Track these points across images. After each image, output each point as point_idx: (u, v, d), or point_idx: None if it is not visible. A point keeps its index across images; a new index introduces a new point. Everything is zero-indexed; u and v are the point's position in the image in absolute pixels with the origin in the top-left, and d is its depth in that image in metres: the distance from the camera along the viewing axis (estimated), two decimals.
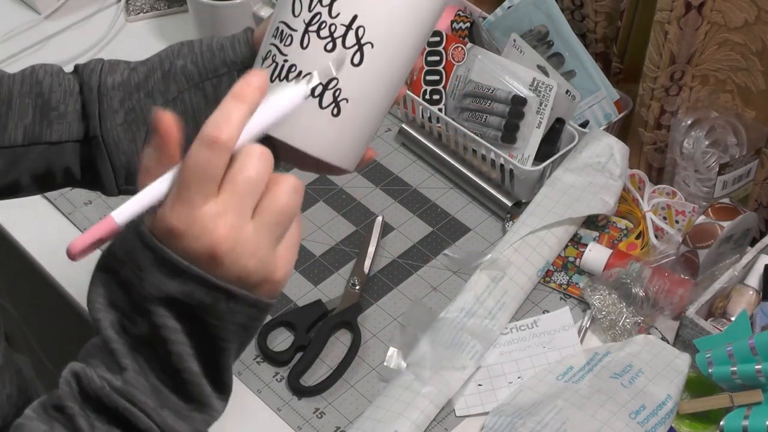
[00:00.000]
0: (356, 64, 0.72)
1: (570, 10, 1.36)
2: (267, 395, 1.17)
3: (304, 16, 0.72)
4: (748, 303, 1.18)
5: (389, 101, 0.76)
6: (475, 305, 1.20)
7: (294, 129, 0.72)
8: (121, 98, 0.83)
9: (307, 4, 0.72)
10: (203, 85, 0.83)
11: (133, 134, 0.83)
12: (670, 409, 1.10)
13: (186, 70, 0.83)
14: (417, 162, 1.42)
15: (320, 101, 0.72)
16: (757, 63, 1.17)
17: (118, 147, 0.84)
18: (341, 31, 0.71)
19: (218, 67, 0.83)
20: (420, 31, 0.75)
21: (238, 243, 0.61)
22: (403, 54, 0.74)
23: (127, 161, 0.85)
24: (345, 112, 0.73)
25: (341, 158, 0.75)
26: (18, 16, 1.62)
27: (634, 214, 1.31)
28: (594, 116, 1.37)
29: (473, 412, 1.15)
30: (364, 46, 0.71)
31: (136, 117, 0.83)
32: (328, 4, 0.71)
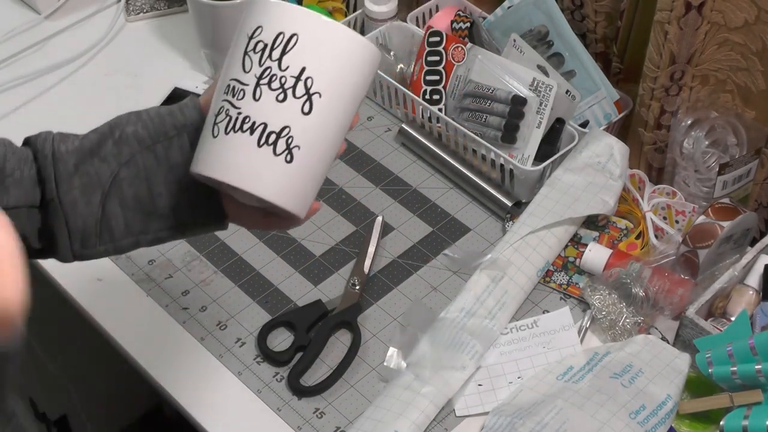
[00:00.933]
0: (306, 112, 0.77)
1: (570, 10, 1.36)
2: (267, 395, 1.17)
3: (255, 71, 0.78)
4: (748, 303, 1.18)
5: (336, 148, 0.82)
6: (475, 305, 1.20)
7: (249, 176, 0.78)
8: (76, 162, 0.86)
9: (257, 60, 0.78)
10: (154, 147, 0.86)
11: (88, 197, 0.86)
12: (670, 409, 1.10)
13: (137, 135, 0.87)
14: (417, 162, 1.42)
15: (274, 149, 0.77)
16: (757, 63, 1.17)
17: (75, 209, 0.86)
18: (291, 82, 0.77)
19: (168, 130, 0.87)
20: (362, 81, 0.80)
21: None
22: (347, 103, 0.79)
23: (83, 224, 0.87)
24: (297, 159, 0.78)
25: (294, 204, 0.80)
26: (18, 16, 1.62)
27: (634, 214, 1.31)
28: (594, 116, 1.37)
29: (473, 412, 1.15)
30: (312, 96, 0.77)
31: (91, 181, 0.86)
32: (278, 58, 0.77)
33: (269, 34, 0.78)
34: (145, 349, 1.21)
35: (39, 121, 1.48)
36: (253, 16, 0.80)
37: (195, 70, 1.54)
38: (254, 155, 0.77)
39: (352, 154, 1.42)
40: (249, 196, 0.81)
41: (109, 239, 0.88)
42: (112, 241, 0.88)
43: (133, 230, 0.88)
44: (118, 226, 0.88)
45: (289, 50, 0.77)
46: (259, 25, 0.79)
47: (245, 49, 0.79)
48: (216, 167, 0.79)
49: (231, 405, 1.17)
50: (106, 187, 0.86)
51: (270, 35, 0.78)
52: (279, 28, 0.78)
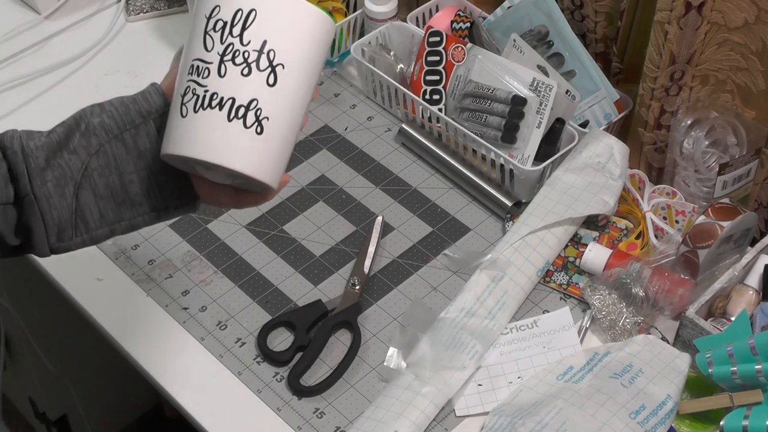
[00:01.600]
0: (271, 84, 0.80)
1: (570, 10, 1.36)
2: (267, 395, 1.17)
3: (217, 48, 0.80)
4: (748, 303, 1.18)
5: (300, 118, 0.84)
6: (475, 305, 1.20)
7: (223, 151, 0.80)
8: (46, 157, 0.87)
9: (218, 38, 0.80)
10: (122, 135, 0.88)
11: (61, 190, 0.87)
12: (670, 409, 1.10)
13: (104, 125, 0.88)
14: (417, 162, 1.42)
15: (244, 122, 0.79)
16: (757, 63, 1.17)
17: (50, 203, 0.87)
18: (254, 56, 0.79)
19: (134, 117, 0.88)
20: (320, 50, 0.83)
21: None
22: (309, 72, 0.82)
23: (58, 217, 0.87)
24: (267, 130, 0.80)
25: (269, 175, 0.82)
26: (18, 16, 1.62)
27: (634, 214, 1.31)
28: (594, 116, 1.37)
29: (473, 412, 1.15)
30: (276, 67, 0.80)
31: (63, 173, 0.87)
32: (239, 34, 0.79)
33: (228, 12, 0.80)
34: (145, 349, 1.21)
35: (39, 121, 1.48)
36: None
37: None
38: (226, 130, 0.79)
39: (352, 154, 1.42)
40: (222, 173, 0.83)
41: (84, 230, 0.89)
42: (88, 231, 0.89)
43: (107, 219, 0.90)
44: (93, 217, 0.89)
45: (249, 25, 0.79)
46: (217, 4, 0.81)
47: (205, 29, 0.81)
48: (189, 146, 0.81)
49: (231, 405, 1.17)
50: (77, 179, 0.87)
51: (228, 13, 0.80)
52: (237, 5, 0.80)
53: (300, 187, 1.38)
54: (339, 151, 1.43)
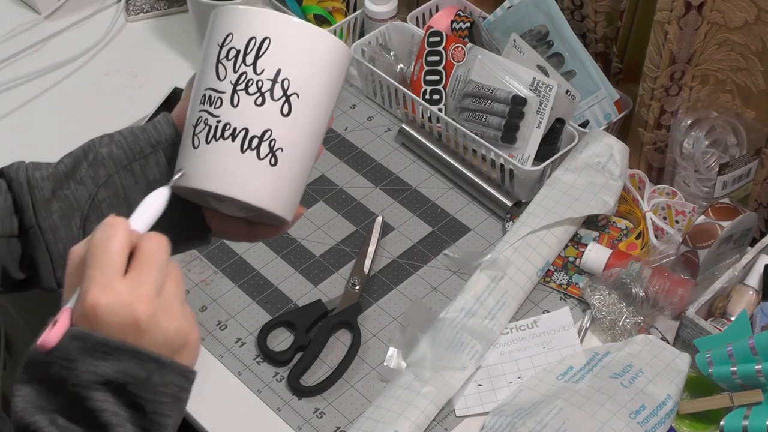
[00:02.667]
0: (286, 114, 0.77)
1: (570, 10, 1.36)
2: (267, 395, 1.17)
3: (230, 77, 0.78)
4: (748, 303, 1.18)
5: (316, 148, 0.82)
6: (475, 305, 1.20)
7: (237, 183, 0.77)
8: (53, 188, 0.85)
9: (231, 67, 0.78)
10: (131, 166, 0.85)
11: (68, 221, 0.85)
12: (670, 409, 1.10)
13: (113, 155, 0.85)
14: (417, 162, 1.42)
15: (258, 153, 0.77)
16: (757, 63, 1.17)
17: (56, 235, 0.85)
18: (268, 85, 0.77)
19: (144, 147, 0.86)
20: (336, 79, 0.81)
21: (156, 309, 0.65)
22: (324, 102, 0.80)
23: (65, 249, 0.84)
24: (281, 161, 0.78)
25: (283, 207, 0.80)
26: (18, 16, 1.62)
27: (634, 214, 1.31)
28: (594, 116, 1.37)
29: (473, 412, 1.15)
30: (290, 96, 0.77)
31: (70, 204, 0.85)
32: (252, 62, 0.77)
33: (241, 40, 0.78)
34: None
35: (39, 122, 1.49)
36: (221, 25, 0.80)
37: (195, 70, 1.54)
38: (239, 161, 0.77)
39: (352, 154, 1.42)
40: (235, 206, 0.80)
41: None
42: None
43: None
44: None
45: (262, 54, 0.77)
46: (230, 32, 0.79)
47: (217, 57, 0.79)
48: (201, 178, 0.78)
49: (231, 405, 1.17)
50: (85, 210, 0.85)
51: (242, 41, 0.78)
52: (250, 33, 0.78)
53: None
54: (339, 151, 1.43)
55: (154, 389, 0.66)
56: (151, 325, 0.65)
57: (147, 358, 0.65)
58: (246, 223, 0.87)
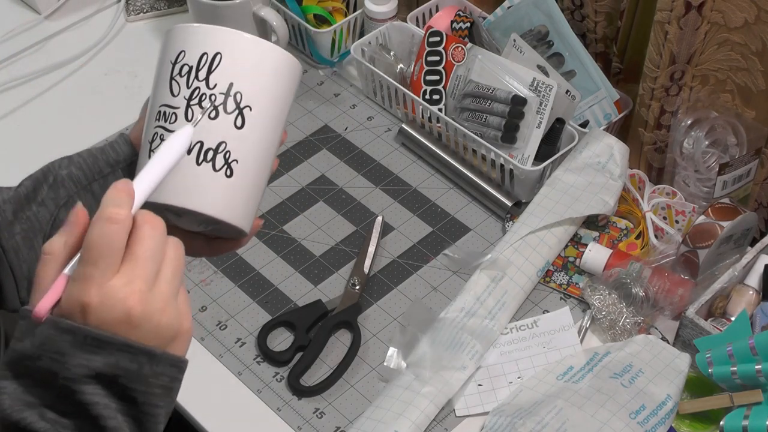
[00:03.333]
0: (239, 126, 0.78)
1: (570, 10, 1.36)
2: (267, 395, 1.17)
3: (183, 93, 0.79)
4: (748, 303, 1.18)
5: (271, 160, 0.83)
6: (475, 305, 1.20)
7: (193, 195, 0.78)
8: (14, 210, 0.85)
9: (184, 83, 0.79)
10: (91, 186, 0.86)
11: (31, 242, 0.85)
12: (670, 409, 1.10)
13: (72, 176, 0.86)
14: (417, 162, 1.41)
15: (213, 165, 0.78)
16: (757, 63, 1.17)
17: (18, 256, 0.85)
18: (221, 99, 0.78)
19: (102, 167, 0.87)
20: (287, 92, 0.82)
21: (149, 304, 0.65)
22: (276, 114, 0.81)
23: (28, 270, 0.86)
24: (237, 173, 0.79)
25: (240, 219, 0.81)
26: (18, 16, 1.62)
27: (634, 214, 1.31)
28: (594, 116, 1.37)
29: (473, 412, 1.15)
30: (243, 109, 0.78)
31: (32, 226, 0.85)
32: (205, 77, 0.78)
33: (193, 56, 0.79)
34: None
35: (39, 122, 1.49)
36: (173, 43, 0.81)
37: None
38: (195, 174, 0.78)
39: (352, 154, 1.42)
40: (194, 219, 0.81)
41: None
42: None
43: None
44: None
45: (214, 69, 0.78)
46: (182, 49, 0.80)
47: (171, 74, 0.80)
48: (158, 192, 0.78)
49: (231, 405, 1.17)
50: (46, 231, 0.85)
51: (194, 57, 0.79)
52: (202, 49, 0.79)
53: (300, 187, 1.38)
54: (339, 151, 1.43)
55: (145, 381, 0.66)
56: (143, 320, 0.65)
57: (138, 350, 0.65)
58: (204, 238, 0.88)
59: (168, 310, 0.67)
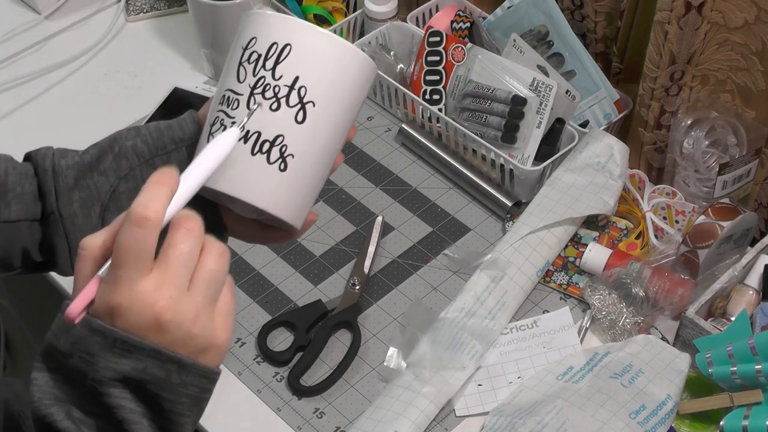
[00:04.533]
0: (300, 121, 0.77)
1: (570, 10, 1.36)
2: (267, 395, 1.17)
3: (249, 81, 0.78)
4: (748, 303, 1.18)
5: (331, 159, 0.82)
6: (475, 305, 1.20)
7: (243, 184, 0.78)
8: (76, 176, 0.85)
9: (251, 70, 0.78)
10: (153, 161, 0.86)
11: (88, 211, 0.85)
12: (670, 409, 1.10)
13: (137, 149, 0.86)
14: (417, 162, 1.42)
15: (268, 157, 0.77)
16: (757, 63, 1.17)
17: (74, 223, 0.85)
18: (285, 91, 0.77)
19: (167, 144, 0.86)
20: (356, 91, 0.80)
21: (179, 311, 0.65)
22: (341, 112, 0.80)
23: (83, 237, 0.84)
24: (291, 167, 0.78)
25: (289, 212, 0.80)
26: (18, 16, 1.62)
27: (634, 214, 1.31)
28: (594, 116, 1.37)
29: (473, 412, 1.15)
30: (306, 104, 0.77)
31: (91, 194, 0.85)
32: (272, 68, 0.77)
33: (263, 45, 0.78)
34: None
35: (39, 122, 1.49)
36: (247, 28, 0.80)
37: (195, 70, 1.54)
38: (248, 163, 0.77)
39: (352, 154, 1.42)
40: (245, 207, 0.81)
41: None
42: None
43: None
44: None
45: (282, 60, 0.78)
46: (254, 36, 0.79)
47: (240, 60, 0.79)
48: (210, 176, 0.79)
49: (231, 405, 1.17)
50: (104, 201, 0.85)
51: (264, 45, 0.78)
52: (272, 38, 0.78)
53: None
54: None
55: (173, 389, 0.65)
56: (173, 327, 0.64)
57: (167, 358, 0.65)
58: (259, 225, 0.88)
59: (200, 320, 0.66)
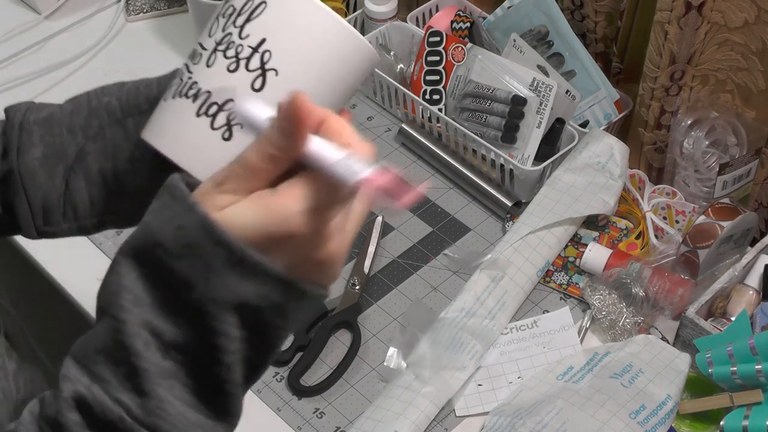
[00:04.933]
0: (257, 89, 0.69)
1: (570, 10, 1.36)
2: (267, 395, 1.17)
3: (216, 36, 0.71)
4: (748, 303, 1.18)
5: None
6: (475, 305, 1.20)
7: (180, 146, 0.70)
8: (42, 133, 0.80)
9: (222, 24, 0.71)
10: (125, 121, 0.79)
11: (50, 170, 0.79)
12: (670, 409, 1.10)
13: (110, 106, 0.80)
14: (417, 162, 1.42)
15: (212, 121, 0.69)
16: (757, 63, 1.17)
17: (35, 182, 0.80)
18: (247, 52, 0.69)
19: (141, 103, 0.79)
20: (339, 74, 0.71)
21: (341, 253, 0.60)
22: (313, 91, 0.67)
23: (44, 198, 0.80)
24: (237, 138, 0.69)
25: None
26: (18, 16, 1.62)
27: (634, 214, 1.31)
28: (594, 116, 1.37)
29: (473, 412, 1.15)
30: (267, 71, 0.69)
31: (55, 152, 0.79)
32: (240, 25, 0.69)
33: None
34: None
35: None
36: None
37: None
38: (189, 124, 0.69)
39: None
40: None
41: (73, 217, 0.82)
42: (77, 219, 0.82)
43: (97, 210, 0.82)
44: (83, 204, 0.81)
45: (253, 18, 0.69)
46: None
47: (218, 12, 0.72)
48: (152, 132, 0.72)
49: None
50: (70, 161, 0.79)
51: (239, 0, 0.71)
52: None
53: None
54: None
55: (285, 315, 0.59)
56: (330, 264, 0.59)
57: (290, 284, 0.58)
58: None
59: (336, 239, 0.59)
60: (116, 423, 0.58)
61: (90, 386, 0.58)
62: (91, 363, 0.59)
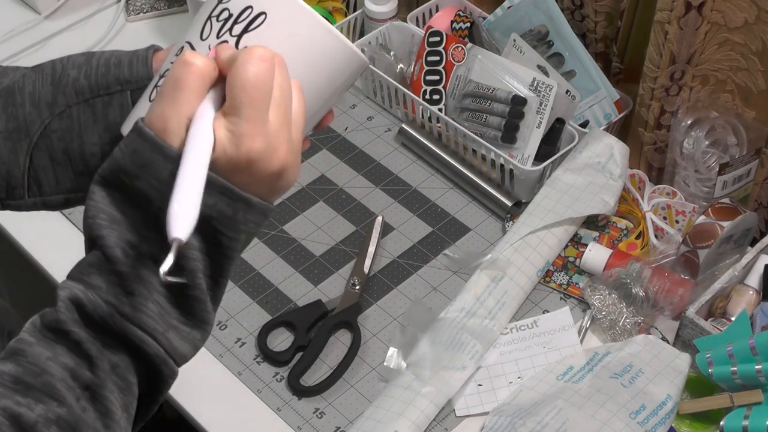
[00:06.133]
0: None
1: (570, 10, 1.36)
2: (267, 395, 1.17)
3: (210, 40, 0.70)
4: (748, 303, 1.18)
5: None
6: (475, 305, 1.20)
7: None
8: (4, 104, 0.78)
9: (216, 29, 0.70)
10: (93, 101, 0.78)
11: (13, 144, 0.78)
12: (670, 409, 1.10)
13: (77, 84, 0.78)
14: (417, 162, 1.42)
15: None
16: (757, 63, 1.17)
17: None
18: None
19: (111, 84, 0.79)
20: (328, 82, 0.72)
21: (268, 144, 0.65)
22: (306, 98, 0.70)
23: (7, 173, 0.79)
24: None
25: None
26: (18, 16, 1.62)
27: (634, 214, 1.31)
28: (594, 116, 1.37)
29: (473, 412, 1.15)
30: None
31: (18, 126, 0.78)
32: (238, 34, 0.69)
33: (238, 5, 0.69)
34: None
35: None
36: None
37: None
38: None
39: (352, 154, 1.42)
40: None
41: (38, 193, 0.81)
42: (41, 195, 0.81)
43: (63, 188, 0.81)
44: (48, 181, 0.80)
45: (252, 29, 0.68)
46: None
47: (210, 13, 0.71)
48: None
49: (231, 405, 1.17)
50: (35, 138, 0.78)
51: (238, 5, 0.69)
52: (248, 1, 0.69)
53: (300, 187, 1.38)
54: (339, 151, 1.43)
55: (236, 227, 0.65)
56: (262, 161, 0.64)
57: (237, 197, 0.64)
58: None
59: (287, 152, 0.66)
60: (106, 318, 0.64)
61: (85, 291, 0.65)
62: (85, 275, 0.65)
